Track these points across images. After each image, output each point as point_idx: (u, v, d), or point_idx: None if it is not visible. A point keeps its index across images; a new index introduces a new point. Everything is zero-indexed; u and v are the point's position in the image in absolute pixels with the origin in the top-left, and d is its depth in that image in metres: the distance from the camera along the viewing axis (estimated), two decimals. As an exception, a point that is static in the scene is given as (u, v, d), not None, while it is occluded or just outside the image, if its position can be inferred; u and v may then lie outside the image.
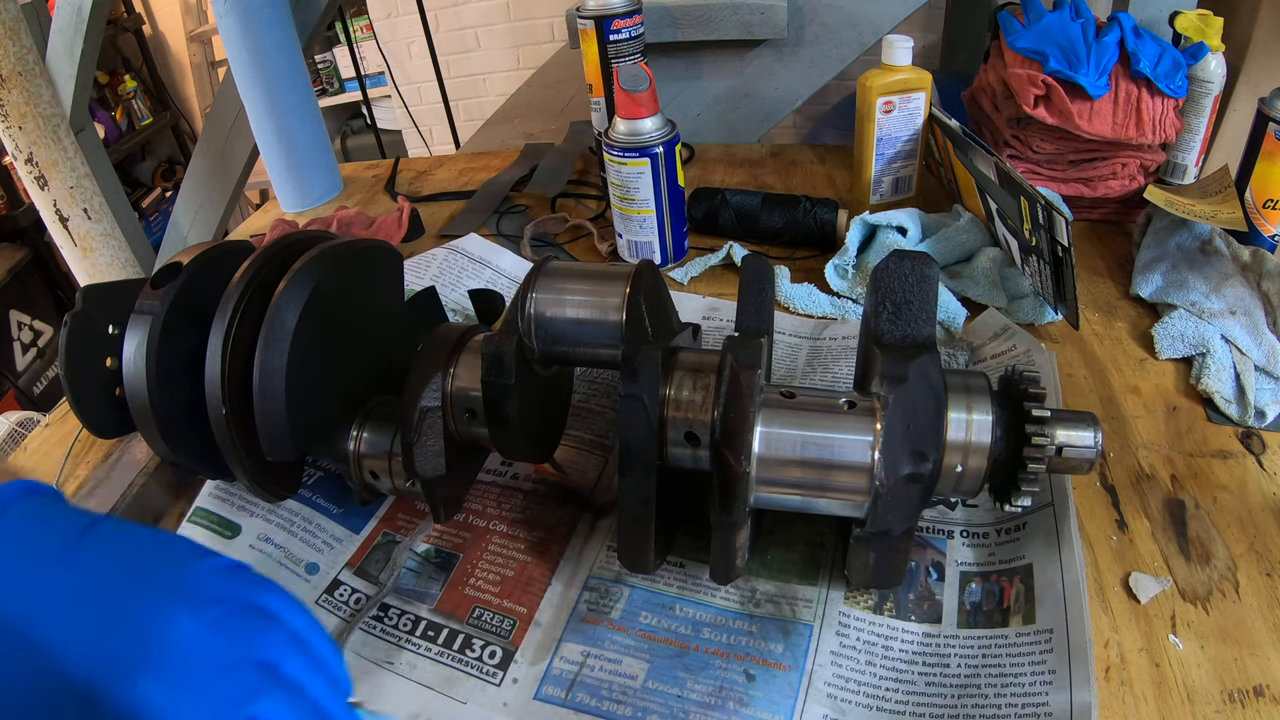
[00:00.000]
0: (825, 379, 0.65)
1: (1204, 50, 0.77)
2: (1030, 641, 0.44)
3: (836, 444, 0.42)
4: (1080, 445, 0.44)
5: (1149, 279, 0.71)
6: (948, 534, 0.52)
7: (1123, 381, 0.63)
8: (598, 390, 0.67)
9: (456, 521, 0.57)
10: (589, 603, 0.50)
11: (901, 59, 0.77)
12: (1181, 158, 0.83)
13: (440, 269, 0.80)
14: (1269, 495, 0.52)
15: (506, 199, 1.01)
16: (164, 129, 2.99)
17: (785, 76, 1.18)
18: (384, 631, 0.50)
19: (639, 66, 0.77)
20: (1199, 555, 0.49)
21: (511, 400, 0.49)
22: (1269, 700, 0.41)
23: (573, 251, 0.89)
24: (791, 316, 0.74)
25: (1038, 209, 0.61)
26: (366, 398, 0.55)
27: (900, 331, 0.45)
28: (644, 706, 0.44)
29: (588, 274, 0.53)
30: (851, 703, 0.44)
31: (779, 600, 0.49)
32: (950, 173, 0.84)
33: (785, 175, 1.02)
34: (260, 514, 0.56)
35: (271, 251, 0.52)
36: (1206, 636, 0.45)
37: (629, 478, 0.44)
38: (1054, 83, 0.76)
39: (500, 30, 2.48)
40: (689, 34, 1.11)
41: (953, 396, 0.43)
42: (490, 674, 0.47)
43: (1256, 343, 0.62)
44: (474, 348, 0.51)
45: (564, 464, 0.60)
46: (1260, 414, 0.58)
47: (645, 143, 0.74)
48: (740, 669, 0.46)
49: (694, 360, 0.46)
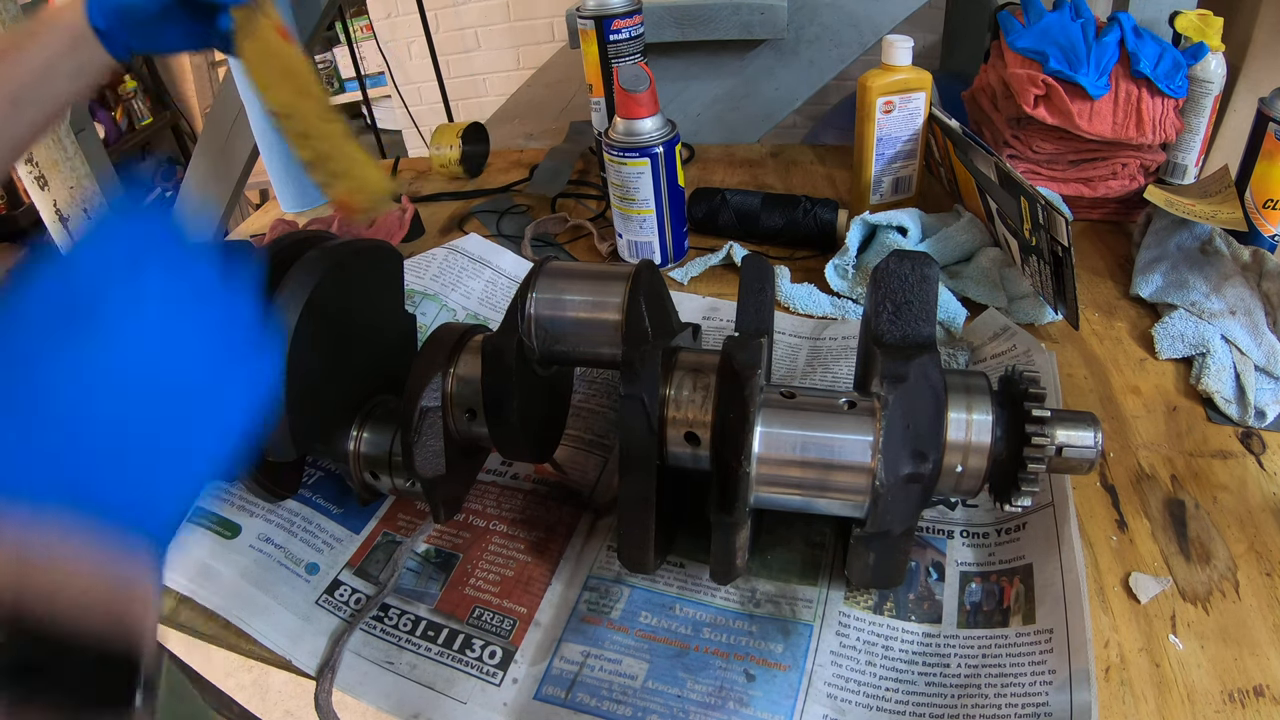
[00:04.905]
0: (825, 379, 0.65)
1: (1204, 50, 0.77)
2: (1030, 641, 0.44)
3: (836, 444, 0.42)
4: (1080, 445, 0.44)
5: (1149, 279, 0.71)
6: (948, 534, 0.52)
7: (1123, 381, 0.63)
8: (598, 390, 0.67)
9: (456, 521, 0.57)
10: (589, 603, 0.50)
11: (901, 59, 0.77)
12: (1181, 158, 0.83)
13: (440, 269, 0.80)
14: (1269, 495, 0.52)
15: (508, 200, 1.01)
16: (164, 129, 2.99)
17: (785, 76, 1.18)
18: (384, 632, 0.50)
19: (639, 66, 0.77)
20: (1199, 555, 0.49)
21: (511, 400, 0.49)
22: (1269, 700, 0.41)
23: (573, 251, 0.89)
24: (791, 316, 0.74)
25: (1038, 209, 0.61)
26: (366, 398, 0.55)
27: (900, 331, 0.45)
28: (644, 706, 0.44)
29: (588, 274, 0.53)
30: (851, 703, 0.44)
31: (779, 600, 0.49)
32: (950, 173, 0.84)
33: (785, 175, 1.02)
34: (260, 514, 0.56)
35: (271, 252, 0.52)
36: (1206, 636, 0.45)
37: (629, 478, 0.44)
38: (1054, 83, 0.76)
39: (500, 30, 2.48)
40: (689, 34, 1.11)
41: (953, 396, 0.43)
42: (490, 674, 0.47)
43: (1256, 343, 0.62)
44: (474, 348, 0.51)
45: (564, 464, 0.60)
46: (1260, 414, 0.58)
47: (645, 143, 0.74)
48: (740, 669, 0.46)
49: (694, 360, 0.46)
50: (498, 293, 0.79)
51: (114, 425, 0.26)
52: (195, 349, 0.28)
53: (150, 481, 0.26)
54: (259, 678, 1.49)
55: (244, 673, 1.49)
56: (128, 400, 0.26)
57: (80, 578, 0.24)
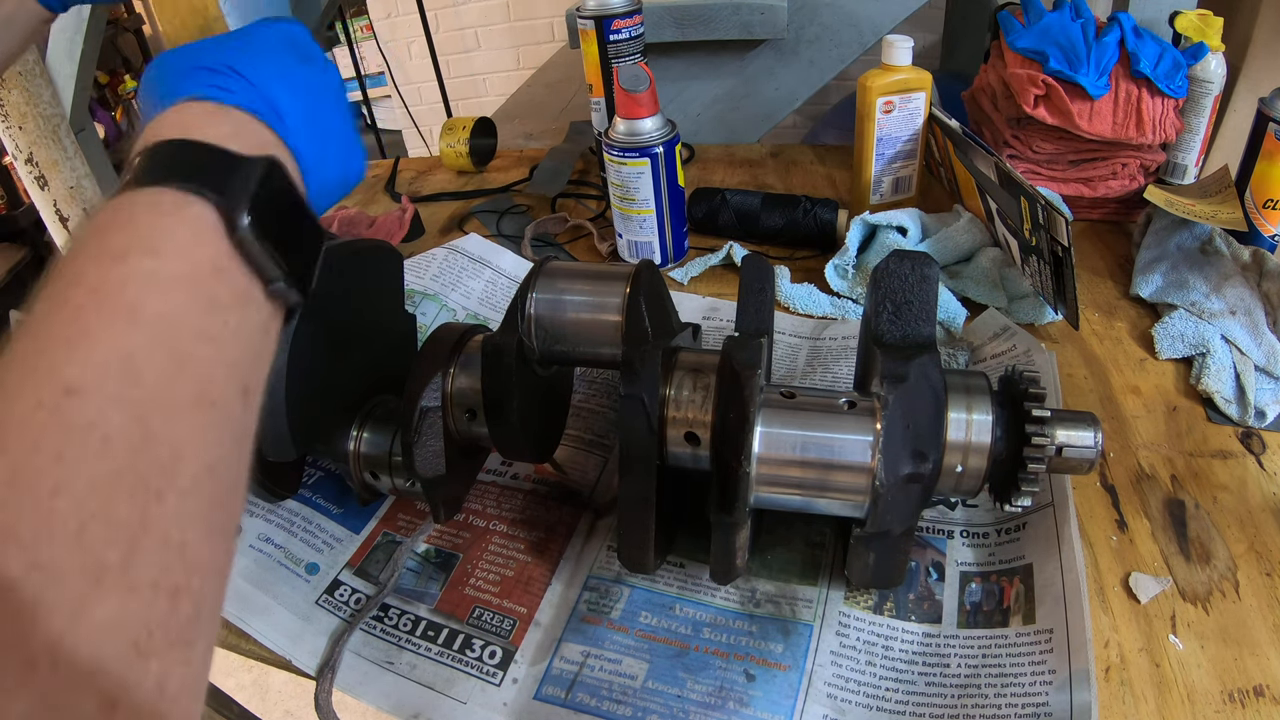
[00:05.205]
0: (825, 379, 0.65)
1: (1204, 50, 0.77)
2: (1030, 641, 0.44)
3: (836, 444, 0.42)
4: (1080, 445, 0.44)
5: (1149, 279, 0.71)
6: (948, 534, 0.52)
7: (1123, 381, 0.63)
8: (598, 390, 0.67)
9: (456, 521, 0.57)
10: (589, 603, 0.50)
11: (901, 59, 0.77)
12: (1181, 158, 0.83)
13: (440, 269, 0.80)
14: (1269, 495, 0.52)
15: (508, 200, 1.01)
16: (164, 129, 2.98)
17: (785, 76, 1.18)
18: (384, 632, 0.50)
19: (639, 66, 0.77)
20: (1199, 555, 0.49)
21: (511, 400, 0.49)
22: (1269, 700, 0.41)
23: (573, 251, 0.89)
24: (791, 316, 0.74)
25: (1038, 209, 0.61)
26: (366, 398, 0.55)
27: (900, 331, 0.45)
28: (644, 707, 0.44)
29: (587, 274, 0.53)
30: (851, 703, 0.44)
31: (779, 600, 0.49)
32: (950, 173, 0.84)
33: (785, 175, 1.02)
34: (260, 514, 0.56)
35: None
36: (1206, 636, 0.45)
37: (629, 478, 0.44)
38: (1054, 83, 0.76)
39: (500, 30, 2.48)
40: (689, 34, 1.11)
41: (953, 396, 0.43)
42: (490, 674, 0.47)
43: (1256, 343, 0.62)
44: (474, 348, 0.51)
45: (564, 464, 0.60)
46: (1260, 414, 0.58)
47: (645, 143, 0.74)
48: (740, 669, 0.46)
49: (694, 360, 0.46)
50: (498, 293, 0.79)
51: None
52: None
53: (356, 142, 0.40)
54: (259, 678, 1.49)
55: (244, 673, 1.50)
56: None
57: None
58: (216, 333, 0.28)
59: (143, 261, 0.27)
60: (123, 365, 0.25)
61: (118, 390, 0.24)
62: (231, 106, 0.33)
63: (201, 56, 0.34)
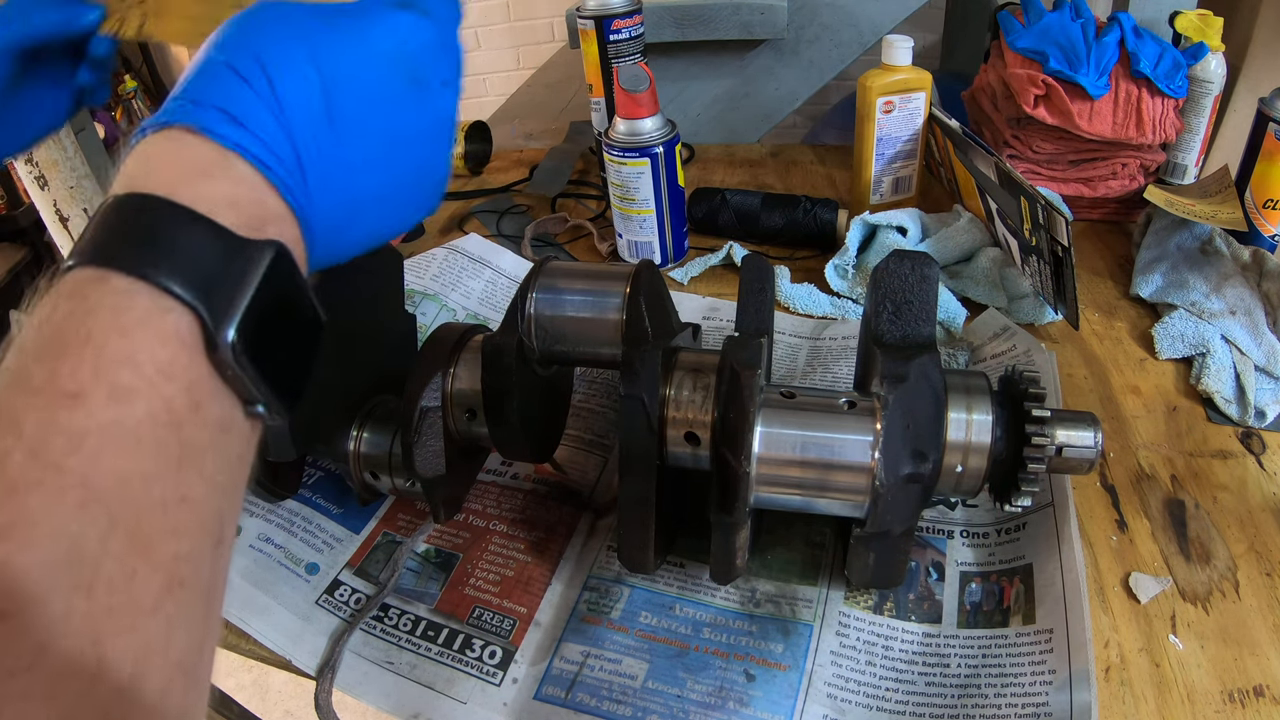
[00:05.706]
0: (825, 379, 0.65)
1: (1204, 50, 0.77)
2: (1030, 641, 0.44)
3: (836, 444, 0.42)
4: (1080, 445, 0.44)
5: (1149, 279, 0.71)
6: (948, 534, 0.52)
7: (1123, 381, 0.63)
8: (598, 390, 0.67)
9: (456, 521, 0.57)
10: (589, 603, 0.50)
11: (901, 59, 0.77)
12: (1181, 158, 0.83)
13: (440, 269, 0.80)
14: (1269, 495, 0.52)
15: (508, 200, 1.01)
16: (164, 129, 2.98)
17: (785, 76, 1.18)
18: (384, 632, 0.50)
19: (639, 66, 0.77)
20: (1199, 555, 0.49)
21: (511, 400, 0.49)
22: (1269, 700, 0.41)
23: (573, 251, 0.89)
24: (791, 316, 0.74)
25: (1038, 209, 0.61)
26: (366, 398, 0.55)
27: (900, 331, 0.45)
28: (644, 707, 0.44)
29: (587, 274, 0.53)
30: (851, 703, 0.44)
31: (779, 600, 0.49)
32: (950, 173, 0.84)
33: (785, 175, 1.02)
34: (260, 514, 0.56)
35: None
36: (1206, 636, 0.45)
37: (629, 478, 0.44)
38: (1054, 83, 0.76)
39: (500, 30, 2.48)
40: (689, 34, 1.11)
41: (953, 396, 0.43)
42: (490, 674, 0.47)
43: (1256, 343, 0.62)
44: (474, 348, 0.51)
45: (564, 464, 0.60)
46: (1260, 414, 0.58)
47: (645, 143, 0.74)
48: (740, 669, 0.46)
49: (694, 360, 0.46)
50: (498, 293, 0.79)
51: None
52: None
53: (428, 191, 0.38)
54: (259, 678, 1.49)
55: (244, 673, 1.50)
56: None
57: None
58: (188, 491, 0.23)
59: (103, 411, 0.21)
60: (69, 561, 0.19)
61: (65, 605, 0.19)
62: (234, 154, 0.26)
63: (267, 36, 0.28)
